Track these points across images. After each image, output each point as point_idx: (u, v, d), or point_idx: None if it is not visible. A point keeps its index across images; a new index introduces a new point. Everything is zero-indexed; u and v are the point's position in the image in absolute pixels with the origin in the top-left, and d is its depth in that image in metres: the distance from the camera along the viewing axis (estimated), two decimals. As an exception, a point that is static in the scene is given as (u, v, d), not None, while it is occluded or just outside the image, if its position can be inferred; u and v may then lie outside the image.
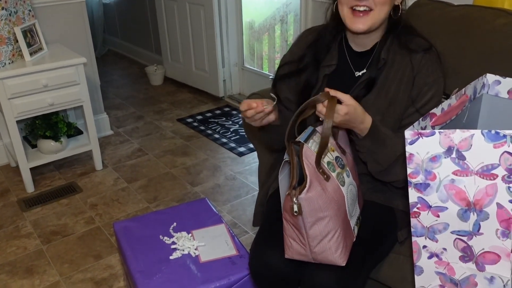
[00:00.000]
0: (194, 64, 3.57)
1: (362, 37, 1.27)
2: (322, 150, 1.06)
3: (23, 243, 2.04)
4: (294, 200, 1.03)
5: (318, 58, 1.32)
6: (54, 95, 2.28)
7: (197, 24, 3.35)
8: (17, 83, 2.16)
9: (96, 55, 2.93)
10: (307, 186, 1.04)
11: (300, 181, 1.06)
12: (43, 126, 2.39)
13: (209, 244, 1.46)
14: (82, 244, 2.03)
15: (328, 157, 1.13)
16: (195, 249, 1.44)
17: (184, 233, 1.50)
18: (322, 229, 1.07)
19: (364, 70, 1.29)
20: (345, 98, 1.08)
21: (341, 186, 1.12)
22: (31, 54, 2.28)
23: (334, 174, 1.12)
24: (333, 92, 1.07)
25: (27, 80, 2.18)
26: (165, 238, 1.49)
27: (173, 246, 1.45)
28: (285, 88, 1.39)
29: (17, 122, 2.25)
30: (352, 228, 1.17)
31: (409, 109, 1.25)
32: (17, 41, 2.24)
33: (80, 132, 2.67)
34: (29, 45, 2.28)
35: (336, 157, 1.16)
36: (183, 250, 1.44)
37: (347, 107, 1.08)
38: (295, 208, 1.03)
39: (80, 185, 2.47)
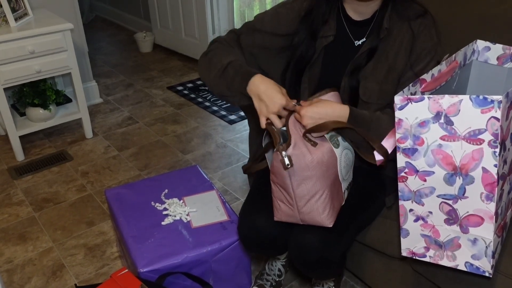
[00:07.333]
0: (183, 31, 3.51)
1: (363, 5, 1.24)
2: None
3: (15, 210, 2.05)
4: (284, 154, 1.04)
5: (314, 30, 1.28)
6: (41, 62, 2.24)
7: (187, -11, 3.28)
8: (3, 50, 2.11)
9: (83, 22, 2.86)
10: (292, 144, 1.05)
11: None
12: (31, 94, 2.36)
13: (200, 210, 1.48)
14: (74, 211, 2.04)
15: None
16: (187, 215, 1.46)
17: (175, 200, 1.52)
18: (309, 188, 1.09)
19: (364, 39, 1.27)
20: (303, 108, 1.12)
21: (334, 148, 1.13)
22: (16, 19, 2.22)
23: (327, 136, 1.13)
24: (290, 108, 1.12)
25: (12, 46, 2.14)
26: (157, 204, 1.51)
27: (164, 212, 1.47)
28: (256, 44, 1.33)
29: (4, 89, 2.21)
30: (343, 192, 1.19)
31: (407, 73, 1.24)
32: (0, 6, 2.18)
33: (69, 100, 2.64)
34: (13, 10, 2.22)
35: None
36: (175, 216, 1.45)
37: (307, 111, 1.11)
38: (287, 161, 1.04)
39: (70, 153, 2.46)
